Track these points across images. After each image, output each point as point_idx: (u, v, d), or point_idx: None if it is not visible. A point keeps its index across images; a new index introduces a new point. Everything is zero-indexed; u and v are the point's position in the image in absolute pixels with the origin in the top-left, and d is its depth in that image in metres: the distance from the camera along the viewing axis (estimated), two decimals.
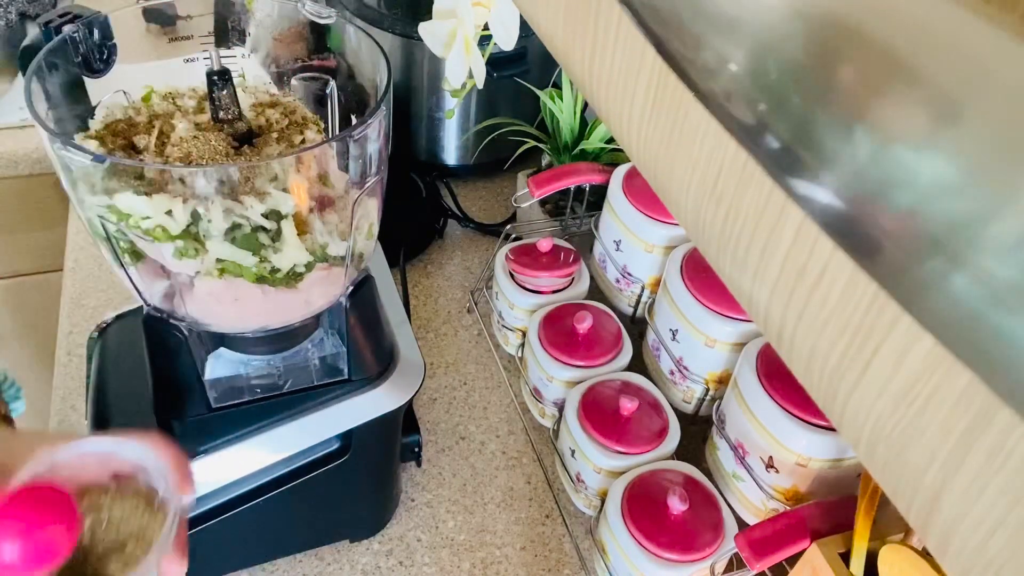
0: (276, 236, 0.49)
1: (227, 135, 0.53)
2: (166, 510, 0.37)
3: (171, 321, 0.56)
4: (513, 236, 0.93)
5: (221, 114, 0.53)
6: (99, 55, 0.56)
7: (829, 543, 0.53)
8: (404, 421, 0.71)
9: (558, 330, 0.79)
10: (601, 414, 0.71)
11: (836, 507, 0.57)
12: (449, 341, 0.93)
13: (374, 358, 0.64)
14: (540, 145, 0.97)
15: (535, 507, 0.78)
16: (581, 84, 0.31)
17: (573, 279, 0.86)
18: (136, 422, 0.62)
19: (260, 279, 0.51)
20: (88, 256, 0.99)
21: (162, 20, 0.60)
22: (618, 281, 0.85)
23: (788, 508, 0.61)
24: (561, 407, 0.76)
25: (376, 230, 0.59)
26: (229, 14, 0.61)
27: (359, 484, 0.70)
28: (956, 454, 0.17)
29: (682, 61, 0.23)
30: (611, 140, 0.92)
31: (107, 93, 0.56)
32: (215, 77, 0.52)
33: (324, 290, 0.56)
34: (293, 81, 0.62)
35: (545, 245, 0.84)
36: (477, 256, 1.04)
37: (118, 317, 0.70)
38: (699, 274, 0.72)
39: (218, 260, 0.49)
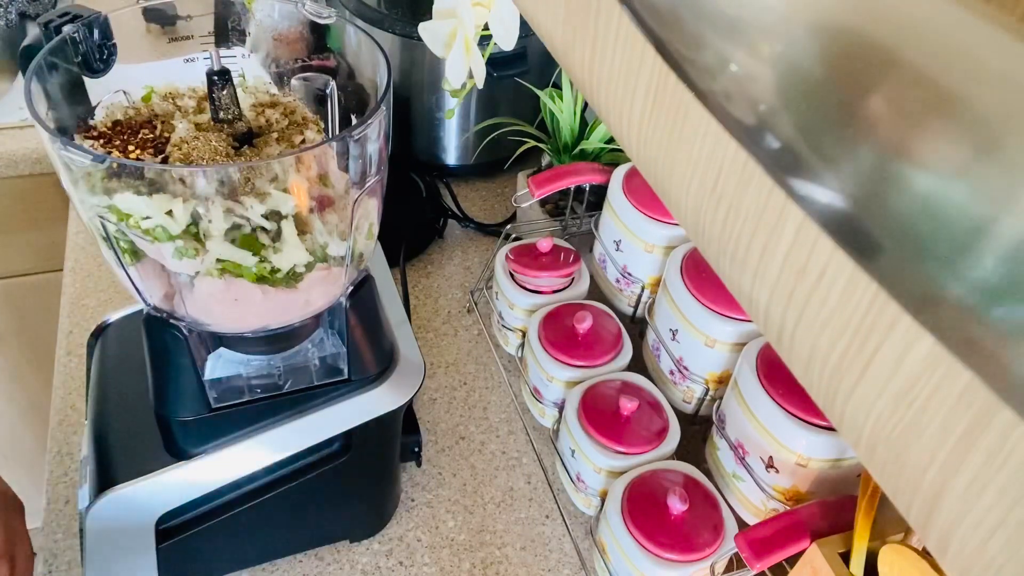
0: (276, 236, 0.49)
1: (227, 135, 0.53)
2: None
3: (171, 321, 0.56)
4: (513, 236, 0.93)
5: (221, 114, 0.53)
6: (99, 55, 0.56)
7: (829, 543, 0.53)
8: (404, 421, 0.71)
9: (558, 330, 0.79)
10: (601, 414, 0.71)
11: (836, 507, 0.57)
12: (449, 341, 0.93)
13: (374, 358, 0.64)
14: (540, 145, 0.97)
15: (535, 507, 0.78)
16: (581, 84, 0.31)
17: (573, 279, 0.85)
18: (136, 422, 0.62)
19: (260, 279, 0.51)
20: (88, 256, 0.99)
21: (162, 20, 0.60)
22: (618, 281, 0.85)
23: (788, 508, 0.61)
24: (561, 407, 0.76)
25: (376, 230, 0.59)
26: (229, 14, 0.61)
27: (359, 484, 0.70)
28: (956, 454, 0.17)
29: (682, 61, 0.23)
30: (611, 140, 0.92)
31: (107, 93, 0.56)
32: (215, 77, 0.52)
33: (324, 290, 0.56)
34: (293, 81, 0.62)
35: (545, 245, 0.84)
36: (477, 256, 1.04)
37: (118, 317, 0.70)
38: (699, 274, 0.72)
39: (218, 260, 0.49)
